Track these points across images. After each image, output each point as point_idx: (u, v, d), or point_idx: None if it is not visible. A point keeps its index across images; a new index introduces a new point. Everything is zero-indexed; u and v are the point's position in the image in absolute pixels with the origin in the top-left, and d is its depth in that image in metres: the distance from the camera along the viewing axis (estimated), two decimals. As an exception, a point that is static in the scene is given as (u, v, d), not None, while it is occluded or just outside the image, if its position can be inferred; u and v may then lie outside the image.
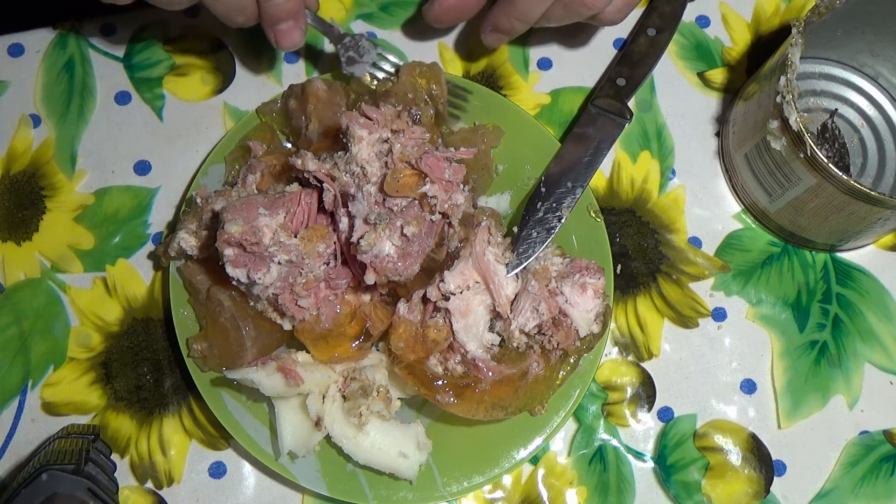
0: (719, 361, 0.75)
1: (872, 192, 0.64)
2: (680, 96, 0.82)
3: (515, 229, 0.70)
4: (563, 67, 0.83)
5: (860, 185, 0.64)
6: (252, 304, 0.66)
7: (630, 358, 0.74)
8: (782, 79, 0.66)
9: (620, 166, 0.80)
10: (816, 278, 0.77)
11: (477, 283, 0.65)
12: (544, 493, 0.71)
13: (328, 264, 0.65)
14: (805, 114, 0.80)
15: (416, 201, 0.64)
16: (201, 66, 0.82)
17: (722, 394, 0.74)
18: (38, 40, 0.81)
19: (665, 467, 0.71)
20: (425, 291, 0.65)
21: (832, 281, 0.77)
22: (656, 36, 0.80)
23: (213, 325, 0.67)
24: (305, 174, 0.65)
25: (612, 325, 0.75)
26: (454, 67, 0.82)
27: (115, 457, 0.70)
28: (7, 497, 0.60)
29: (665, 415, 0.73)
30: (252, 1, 0.67)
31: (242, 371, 0.63)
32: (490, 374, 0.64)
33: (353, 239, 0.63)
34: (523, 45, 0.83)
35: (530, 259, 0.68)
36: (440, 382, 0.64)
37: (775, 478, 0.71)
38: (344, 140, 0.65)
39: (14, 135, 0.78)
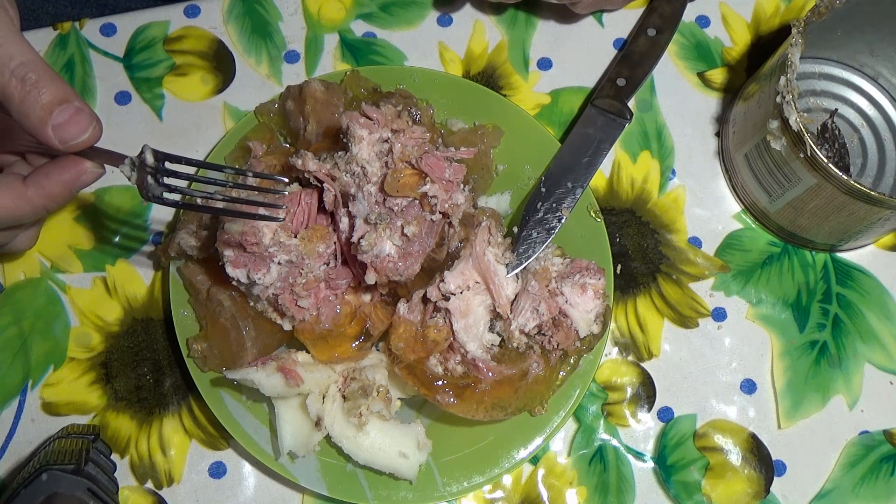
0: (719, 361, 0.75)
1: (872, 192, 0.64)
2: (680, 96, 0.82)
3: (515, 229, 0.70)
4: (563, 67, 0.83)
5: (860, 185, 0.64)
6: (252, 304, 0.66)
7: (630, 358, 0.74)
8: (782, 79, 0.66)
9: (620, 166, 0.80)
10: (816, 278, 0.77)
11: (477, 283, 0.65)
12: (544, 493, 0.71)
13: (328, 264, 0.65)
14: (805, 114, 0.80)
15: (417, 201, 0.64)
16: (201, 66, 0.82)
17: (722, 394, 0.74)
18: (39, 40, 0.81)
19: (665, 467, 0.71)
20: (425, 291, 0.65)
21: (832, 281, 0.77)
22: (656, 36, 0.80)
23: (213, 325, 0.67)
24: (305, 174, 0.65)
25: (612, 325, 0.75)
26: (454, 68, 0.82)
27: (115, 457, 0.70)
28: (7, 497, 0.60)
29: (665, 415, 0.73)
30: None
31: (242, 371, 0.63)
32: (490, 374, 0.64)
33: (354, 239, 0.63)
34: (523, 45, 0.83)
35: (530, 259, 0.68)
36: (440, 383, 0.64)
37: (775, 478, 0.71)
38: (344, 140, 0.65)
39: (14, 135, 0.78)
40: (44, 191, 0.56)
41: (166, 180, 0.55)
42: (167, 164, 0.55)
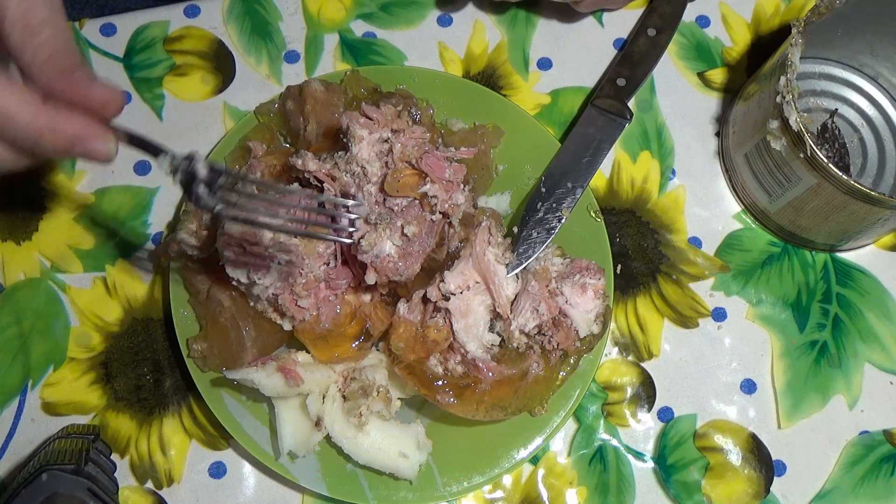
0: (719, 361, 0.75)
1: (872, 192, 0.64)
2: (680, 96, 0.82)
3: (515, 229, 0.70)
4: (563, 67, 0.83)
5: (860, 185, 0.64)
6: (252, 304, 0.66)
7: (630, 358, 0.74)
8: (782, 79, 0.66)
9: (620, 166, 0.80)
10: (816, 278, 0.77)
11: (477, 283, 0.65)
12: (544, 493, 0.71)
13: (328, 264, 0.65)
14: (805, 114, 0.80)
15: (417, 201, 0.64)
16: (201, 66, 0.82)
17: (722, 394, 0.74)
18: (38, 40, 0.81)
19: (665, 467, 0.71)
20: (425, 291, 0.65)
21: (832, 281, 0.77)
22: (656, 36, 0.80)
23: (213, 325, 0.67)
24: (306, 174, 0.65)
25: (612, 325, 0.75)
26: (454, 68, 0.82)
27: (115, 457, 0.70)
28: (7, 497, 0.60)
29: (665, 415, 0.73)
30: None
31: (242, 371, 0.63)
32: (490, 374, 0.64)
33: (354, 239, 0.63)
34: (523, 45, 0.83)
35: (530, 259, 0.68)
36: (440, 383, 0.64)
37: (775, 478, 0.71)
38: (344, 140, 0.65)
39: (14, 135, 0.78)
40: (54, 119, 0.48)
41: (222, 194, 0.54)
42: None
